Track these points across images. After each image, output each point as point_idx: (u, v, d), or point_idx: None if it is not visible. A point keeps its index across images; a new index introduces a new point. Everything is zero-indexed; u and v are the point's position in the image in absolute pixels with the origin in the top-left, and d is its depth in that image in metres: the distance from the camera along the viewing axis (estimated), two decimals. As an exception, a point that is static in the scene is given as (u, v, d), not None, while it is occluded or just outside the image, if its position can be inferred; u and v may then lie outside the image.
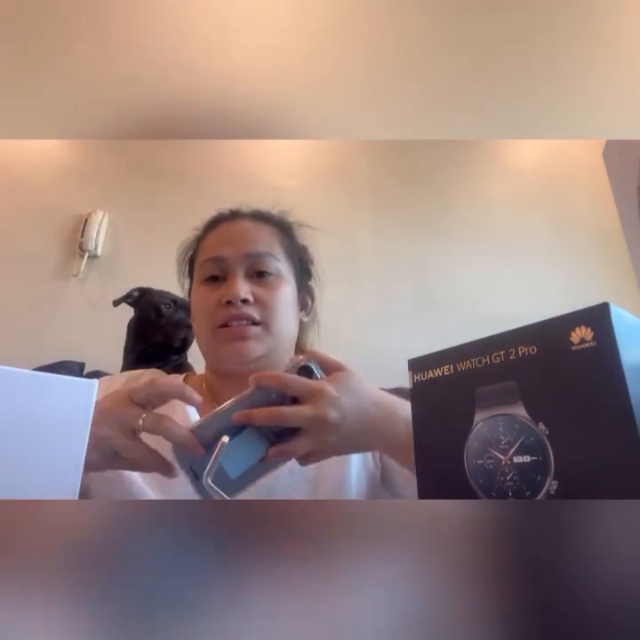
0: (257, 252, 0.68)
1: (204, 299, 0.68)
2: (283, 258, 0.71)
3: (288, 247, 0.74)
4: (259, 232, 0.72)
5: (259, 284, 0.67)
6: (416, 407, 0.35)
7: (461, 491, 0.30)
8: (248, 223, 0.73)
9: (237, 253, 0.68)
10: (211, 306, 0.67)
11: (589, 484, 0.24)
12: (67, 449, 0.31)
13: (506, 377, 0.29)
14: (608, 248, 1.85)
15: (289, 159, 2.01)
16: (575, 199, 1.95)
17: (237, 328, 0.65)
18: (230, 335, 0.65)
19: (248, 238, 0.70)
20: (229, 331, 0.65)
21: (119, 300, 1.29)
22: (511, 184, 1.99)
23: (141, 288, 1.31)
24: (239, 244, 0.69)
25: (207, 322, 0.67)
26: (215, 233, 0.74)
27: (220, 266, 0.68)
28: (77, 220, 1.82)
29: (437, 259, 1.86)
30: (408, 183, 1.98)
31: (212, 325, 0.66)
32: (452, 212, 1.94)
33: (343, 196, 1.93)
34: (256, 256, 0.68)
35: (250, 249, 0.68)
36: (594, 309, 0.26)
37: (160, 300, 1.26)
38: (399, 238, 1.89)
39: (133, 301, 1.30)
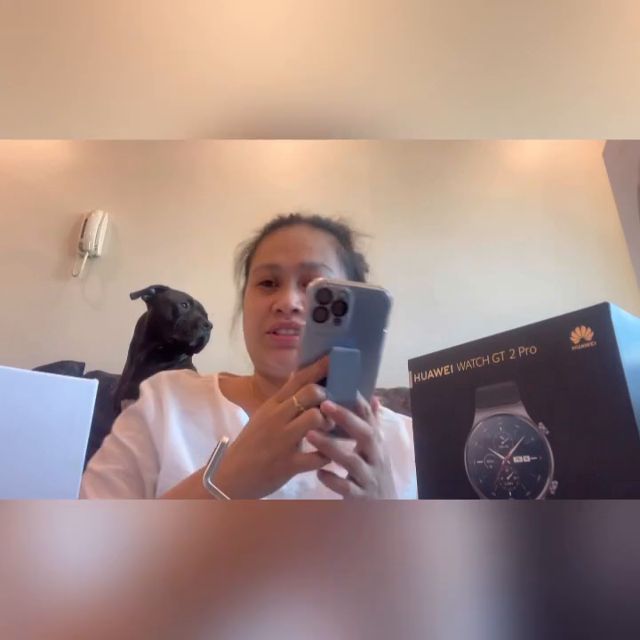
0: (311, 263, 0.68)
1: (256, 303, 0.69)
2: (336, 268, 0.71)
3: (343, 257, 0.74)
4: (315, 241, 0.71)
5: None
6: (416, 407, 0.35)
7: (461, 491, 0.30)
8: (305, 230, 0.73)
9: (292, 262, 0.68)
10: (262, 311, 0.68)
11: (589, 484, 0.24)
12: (67, 449, 0.31)
13: (506, 377, 0.29)
14: (608, 248, 1.85)
15: (289, 159, 2.01)
16: (575, 199, 1.95)
17: (284, 336, 0.66)
18: (277, 343, 0.66)
19: (304, 247, 0.70)
20: (276, 338, 0.66)
21: (136, 294, 1.28)
22: (511, 184, 1.99)
23: (159, 286, 1.31)
24: (294, 253, 0.69)
25: (256, 326, 0.69)
26: (272, 238, 0.74)
27: (274, 273, 0.69)
28: (77, 219, 1.83)
29: (437, 259, 1.86)
30: (408, 183, 1.98)
31: (260, 330, 0.68)
32: (452, 212, 1.94)
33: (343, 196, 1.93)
34: (310, 266, 0.68)
35: (305, 259, 0.68)
36: (594, 309, 0.26)
37: (177, 298, 1.27)
38: (399, 238, 1.89)
39: (150, 298, 1.30)
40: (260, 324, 0.68)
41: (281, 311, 0.65)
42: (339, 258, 0.72)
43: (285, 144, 2.01)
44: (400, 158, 2.02)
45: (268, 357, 0.67)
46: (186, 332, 1.21)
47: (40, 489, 0.29)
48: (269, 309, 0.67)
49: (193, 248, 1.82)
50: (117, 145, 1.94)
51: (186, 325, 1.22)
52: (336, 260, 0.72)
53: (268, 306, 0.67)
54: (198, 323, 1.23)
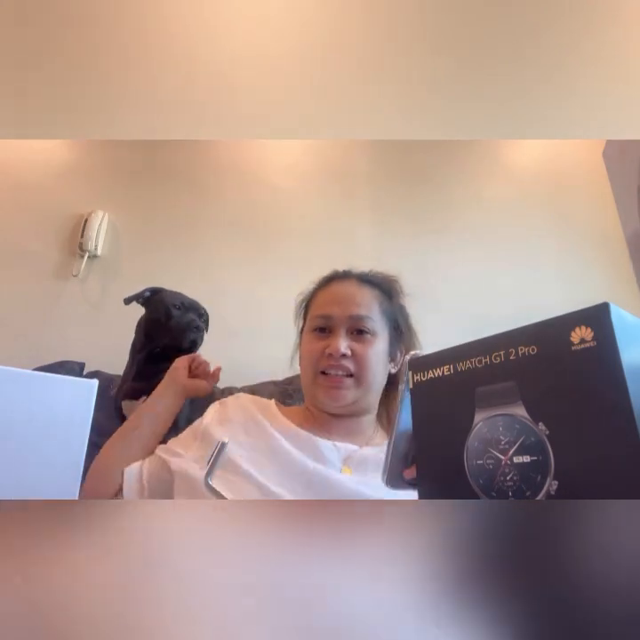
0: (358, 315, 0.82)
1: (312, 346, 0.83)
2: (379, 319, 0.85)
3: (386, 309, 0.87)
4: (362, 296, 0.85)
5: (357, 340, 0.81)
6: (416, 407, 0.35)
7: (461, 491, 0.30)
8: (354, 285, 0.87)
9: (343, 314, 0.82)
10: (316, 353, 0.81)
11: (589, 484, 0.24)
12: (67, 449, 0.31)
13: (506, 377, 0.29)
14: (608, 248, 1.85)
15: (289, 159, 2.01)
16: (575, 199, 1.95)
17: (335, 378, 0.79)
18: (329, 383, 0.79)
19: (353, 302, 0.84)
20: (328, 379, 0.80)
21: (130, 299, 1.28)
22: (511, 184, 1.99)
23: (153, 288, 1.31)
24: (345, 306, 0.83)
25: (312, 366, 0.82)
26: (327, 291, 0.89)
27: (328, 322, 0.83)
28: (77, 219, 1.83)
29: (437, 259, 1.86)
30: (408, 183, 1.98)
31: (315, 370, 0.81)
32: (451, 212, 1.94)
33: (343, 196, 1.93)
34: (357, 318, 0.82)
35: (353, 312, 0.82)
36: (594, 309, 0.26)
37: (170, 300, 1.26)
38: (399, 238, 1.89)
39: (145, 301, 1.30)
40: (314, 364, 0.81)
41: (332, 355, 0.79)
42: (381, 310, 0.86)
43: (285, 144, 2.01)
44: (400, 158, 2.02)
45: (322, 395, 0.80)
46: (176, 337, 1.21)
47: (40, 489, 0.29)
48: (322, 352, 0.80)
49: (193, 248, 1.82)
50: (117, 145, 1.94)
51: (177, 329, 1.21)
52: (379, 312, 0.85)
53: (322, 349, 0.81)
54: (189, 326, 1.22)
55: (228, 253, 1.81)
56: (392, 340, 0.88)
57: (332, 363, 0.79)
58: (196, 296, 1.33)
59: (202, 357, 1.01)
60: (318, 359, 0.81)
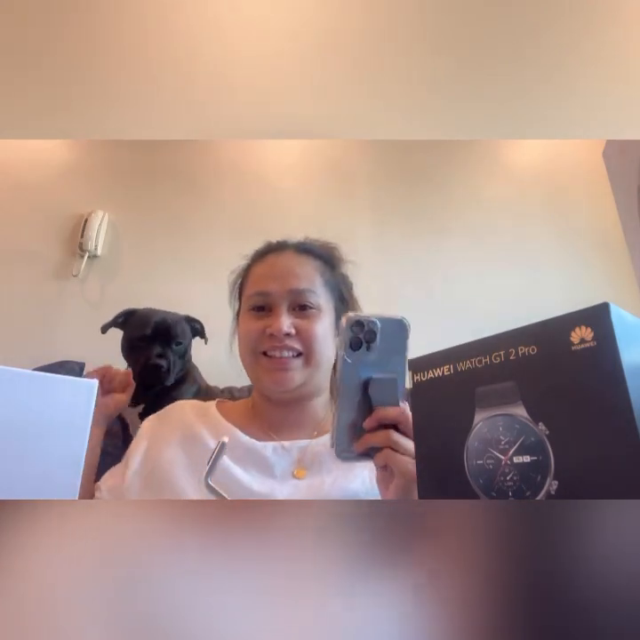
0: (299, 289, 0.74)
1: (250, 326, 0.75)
2: (322, 291, 0.78)
3: (329, 280, 0.80)
4: (302, 267, 0.77)
5: (300, 316, 0.74)
6: (416, 407, 0.35)
7: (461, 491, 0.30)
8: (292, 257, 0.79)
9: (281, 289, 0.74)
10: (255, 334, 0.73)
11: (589, 483, 0.24)
12: (67, 449, 0.31)
13: (506, 377, 0.29)
14: (608, 248, 1.85)
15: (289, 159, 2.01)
16: (575, 199, 1.95)
17: (279, 359, 0.72)
18: (273, 365, 0.72)
19: (292, 274, 0.76)
20: (272, 361, 0.72)
21: (106, 327, 1.28)
22: (511, 184, 1.99)
23: (126, 311, 1.29)
24: (283, 280, 0.75)
25: (251, 348, 0.74)
26: (262, 265, 0.80)
27: (265, 299, 0.75)
28: (77, 219, 1.82)
29: (437, 259, 1.86)
30: (408, 183, 1.98)
31: (255, 352, 0.73)
32: (451, 212, 1.93)
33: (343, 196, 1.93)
34: (298, 292, 0.74)
35: (293, 285, 0.75)
36: (594, 309, 0.26)
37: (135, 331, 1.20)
38: (399, 238, 1.89)
39: (122, 325, 1.28)
40: (254, 346, 0.73)
41: (274, 335, 0.71)
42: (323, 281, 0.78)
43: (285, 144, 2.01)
44: (400, 158, 2.01)
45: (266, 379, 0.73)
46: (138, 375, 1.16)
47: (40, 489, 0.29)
48: (263, 332, 0.72)
49: (193, 248, 1.82)
50: (117, 145, 1.94)
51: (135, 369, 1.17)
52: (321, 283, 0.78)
53: (262, 329, 0.73)
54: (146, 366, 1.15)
55: (227, 253, 1.81)
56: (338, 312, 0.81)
57: (276, 344, 0.71)
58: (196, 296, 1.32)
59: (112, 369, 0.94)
60: (258, 340, 0.73)
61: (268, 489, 0.66)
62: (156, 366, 1.16)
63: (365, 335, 0.48)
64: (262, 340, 0.73)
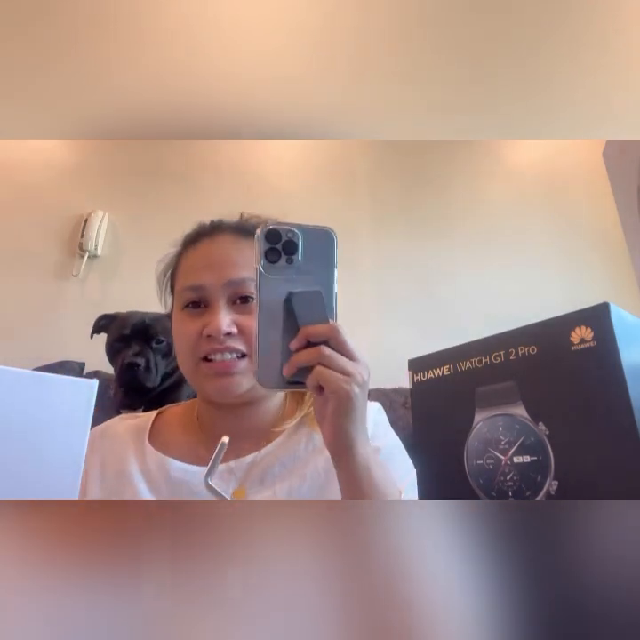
0: (239, 279, 0.63)
1: (185, 328, 0.64)
2: None
3: None
4: (240, 253, 0.65)
5: (242, 311, 0.63)
6: (416, 407, 0.35)
7: (461, 491, 0.30)
8: (229, 240, 0.68)
9: (218, 281, 0.63)
10: (192, 336, 0.63)
11: (589, 484, 0.24)
12: (67, 449, 0.31)
13: (506, 377, 0.29)
14: (608, 248, 1.85)
15: (289, 159, 2.01)
16: (575, 199, 1.95)
17: (222, 363, 0.61)
18: (214, 370, 0.62)
19: (229, 262, 0.64)
20: (213, 366, 0.62)
21: (91, 332, 1.28)
22: (511, 184, 1.99)
23: (105, 315, 1.29)
24: (219, 270, 0.64)
25: (189, 353, 0.63)
26: (194, 253, 0.69)
27: (200, 294, 0.64)
28: (77, 220, 1.83)
29: (437, 259, 1.86)
30: (408, 183, 1.98)
31: (194, 357, 0.63)
32: (451, 212, 1.94)
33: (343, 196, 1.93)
34: (238, 283, 0.63)
35: (231, 275, 0.63)
36: (594, 309, 0.26)
37: (115, 333, 1.19)
38: (399, 238, 1.89)
39: (105, 330, 1.29)
40: (192, 350, 0.63)
41: (212, 337, 0.61)
42: None
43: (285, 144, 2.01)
44: (399, 158, 2.02)
45: (208, 387, 0.63)
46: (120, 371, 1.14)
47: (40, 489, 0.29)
48: (200, 334, 0.62)
49: (193, 248, 1.82)
50: (117, 145, 1.94)
51: (115, 369, 1.17)
52: None
53: (199, 331, 0.62)
54: (122, 365, 1.14)
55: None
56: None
57: (216, 346, 0.61)
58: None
59: None
60: (195, 343, 0.62)
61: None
62: (132, 364, 1.12)
63: (284, 246, 0.43)
64: (200, 343, 0.62)
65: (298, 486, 0.61)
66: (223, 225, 0.71)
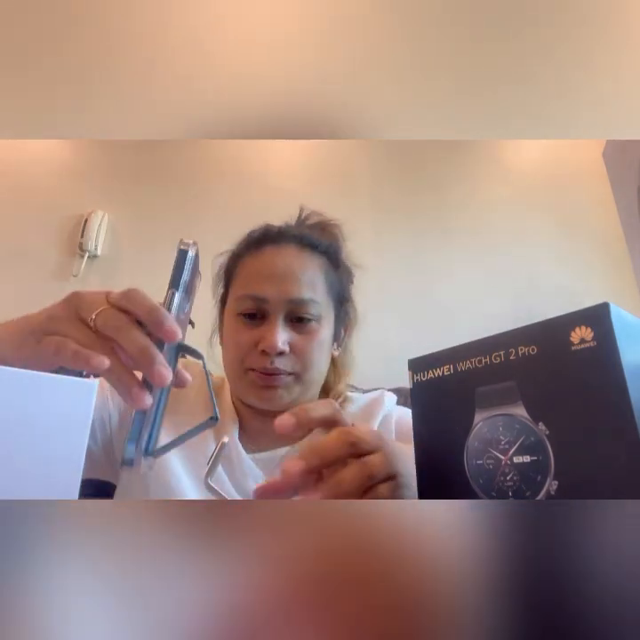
0: (301, 299, 0.64)
1: (239, 337, 0.65)
2: (325, 299, 0.68)
3: (333, 282, 0.70)
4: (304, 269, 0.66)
5: (298, 330, 0.65)
6: (416, 407, 0.35)
7: (461, 491, 0.30)
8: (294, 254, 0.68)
9: (280, 297, 0.64)
10: (245, 347, 0.64)
11: (589, 483, 0.24)
12: (67, 449, 0.31)
13: (506, 377, 0.29)
14: (608, 248, 1.85)
15: (289, 159, 2.01)
16: (575, 199, 1.95)
17: (269, 376, 0.63)
18: (260, 381, 0.63)
19: (293, 278, 0.65)
20: (260, 377, 0.63)
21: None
22: (511, 184, 1.99)
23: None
24: (283, 286, 0.64)
25: (238, 361, 0.65)
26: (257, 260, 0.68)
27: (260, 305, 0.64)
28: (77, 219, 1.83)
29: (437, 258, 1.86)
30: (408, 183, 1.98)
31: (242, 366, 0.64)
32: (452, 212, 1.94)
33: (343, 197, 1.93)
34: (299, 302, 0.64)
35: (294, 294, 0.64)
36: (594, 309, 0.26)
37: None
38: (399, 238, 1.89)
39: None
40: (242, 359, 0.64)
41: (266, 352, 0.62)
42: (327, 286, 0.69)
43: (286, 144, 2.01)
44: (400, 158, 2.02)
45: (252, 395, 0.65)
46: None
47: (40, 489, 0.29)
48: (254, 346, 0.63)
49: (193, 248, 1.81)
50: (117, 145, 1.94)
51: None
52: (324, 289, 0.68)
53: (252, 342, 0.63)
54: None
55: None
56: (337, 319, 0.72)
57: (267, 366, 0.62)
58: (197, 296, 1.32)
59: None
60: (247, 354, 0.64)
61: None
62: None
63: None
64: (251, 354, 0.63)
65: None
66: (289, 233, 0.71)
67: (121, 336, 0.36)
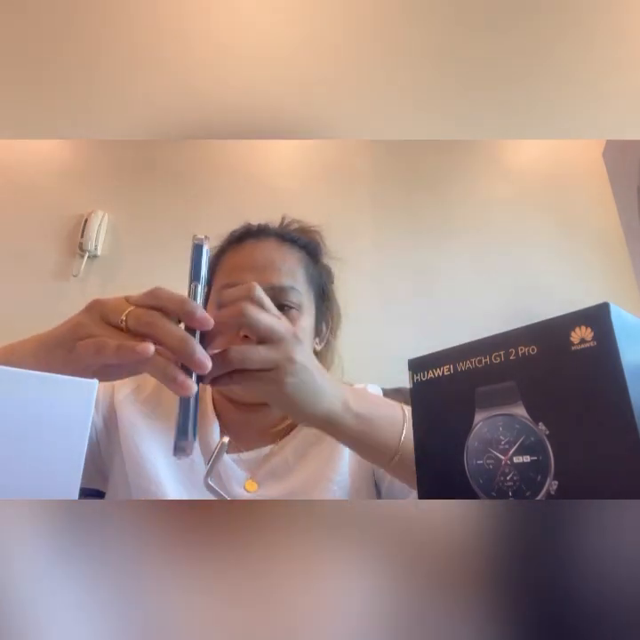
0: (281, 286, 0.65)
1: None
2: (305, 289, 0.69)
3: (313, 274, 0.72)
4: (284, 260, 0.68)
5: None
6: (416, 407, 0.35)
7: (461, 491, 0.30)
8: (273, 246, 0.70)
9: (261, 285, 0.62)
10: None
11: (589, 483, 0.24)
12: (67, 449, 0.31)
13: (506, 377, 0.29)
14: (608, 248, 1.85)
15: (289, 159, 2.01)
16: (575, 199, 1.95)
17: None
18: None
19: (272, 267, 0.66)
20: None
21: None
22: (511, 184, 1.99)
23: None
24: (262, 274, 0.65)
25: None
26: (238, 253, 0.70)
27: None
28: (77, 219, 1.82)
29: (437, 258, 1.86)
30: (408, 183, 1.98)
31: None
32: (452, 212, 1.93)
33: (343, 196, 1.93)
34: (280, 289, 0.65)
35: (274, 281, 0.65)
36: (594, 309, 0.26)
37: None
38: (399, 238, 1.89)
39: None
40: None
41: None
42: (307, 277, 0.70)
43: (286, 144, 2.01)
44: (400, 158, 2.01)
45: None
46: None
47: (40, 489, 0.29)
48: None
49: (193, 248, 1.81)
50: (117, 145, 1.94)
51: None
52: (304, 280, 0.69)
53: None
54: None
55: (227, 253, 1.81)
56: (318, 311, 0.72)
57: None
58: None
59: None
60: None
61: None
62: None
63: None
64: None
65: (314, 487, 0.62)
66: (269, 229, 0.73)
67: (157, 331, 0.37)
